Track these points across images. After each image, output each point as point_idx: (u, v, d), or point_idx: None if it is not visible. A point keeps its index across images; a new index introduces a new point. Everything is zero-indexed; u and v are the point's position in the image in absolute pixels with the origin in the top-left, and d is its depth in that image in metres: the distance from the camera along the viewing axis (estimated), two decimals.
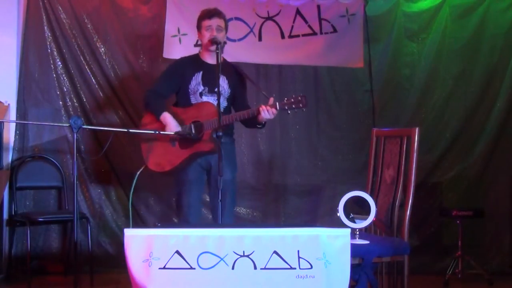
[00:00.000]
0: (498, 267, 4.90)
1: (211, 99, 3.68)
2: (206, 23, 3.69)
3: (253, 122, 3.66)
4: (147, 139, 3.71)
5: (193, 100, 3.71)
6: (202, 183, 3.78)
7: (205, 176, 3.77)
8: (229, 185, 3.64)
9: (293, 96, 3.52)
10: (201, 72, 3.71)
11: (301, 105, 3.48)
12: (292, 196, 5.01)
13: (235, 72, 3.82)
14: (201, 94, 3.70)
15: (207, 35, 3.67)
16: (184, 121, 3.64)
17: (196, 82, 3.70)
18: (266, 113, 3.49)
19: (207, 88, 3.69)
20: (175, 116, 3.66)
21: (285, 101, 3.51)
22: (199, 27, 3.75)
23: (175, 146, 3.64)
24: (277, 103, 3.50)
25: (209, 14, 3.71)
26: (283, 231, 2.27)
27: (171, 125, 3.61)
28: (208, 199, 4.09)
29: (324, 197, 4.99)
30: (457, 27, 5.05)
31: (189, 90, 3.70)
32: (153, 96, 3.73)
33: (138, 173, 3.64)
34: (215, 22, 3.68)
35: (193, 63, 3.76)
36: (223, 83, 3.72)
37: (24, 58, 4.73)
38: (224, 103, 3.72)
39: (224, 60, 3.75)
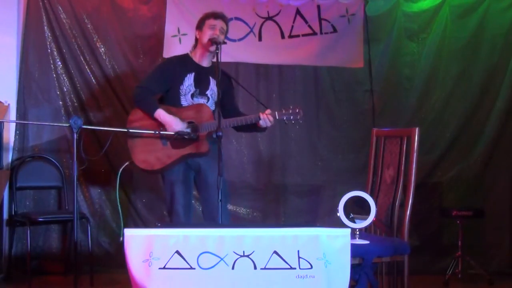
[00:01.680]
0: (498, 267, 4.90)
1: (201, 101, 3.69)
2: (211, 22, 3.68)
3: (250, 128, 3.68)
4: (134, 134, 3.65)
5: (183, 101, 3.69)
6: (191, 181, 3.77)
7: (193, 175, 3.76)
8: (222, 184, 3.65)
9: (291, 107, 3.59)
10: (193, 74, 3.70)
11: (298, 116, 3.57)
12: (292, 196, 5.01)
13: (226, 77, 3.81)
14: (192, 96, 3.69)
15: (208, 33, 3.64)
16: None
17: (189, 83, 3.69)
18: (265, 121, 3.56)
19: (198, 90, 3.70)
20: (171, 114, 3.65)
21: (283, 111, 3.58)
22: (201, 26, 3.72)
23: (167, 145, 3.62)
24: (276, 113, 3.57)
25: (215, 14, 3.71)
26: (283, 231, 2.27)
27: (172, 122, 3.59)
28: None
29: (324, 197, 4.99)
30: (457, 27, 5.05)
31: (180, 90, 3.69)
32: (145, 93, 3.68)
33: (122, 168, 3.61)
34: (219, 23, 3.68)
35: (184, 63, 3.74)
36: (214, 86, 3.73)
37: (24, 58, 4.74)
38: (212, 107, 3.72)
39: (214, 63, 3.76)
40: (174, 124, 3.58)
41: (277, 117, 3.56)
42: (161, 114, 3.60)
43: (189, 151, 3.59)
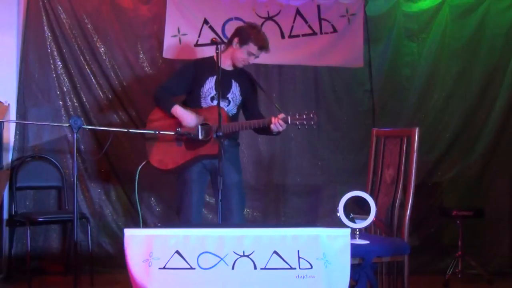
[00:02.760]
0: (498, 267, 4.90)
1: (222, 104, 3.67)
2: (254, 50, 3.68)
3: (264, 131, 3.68)
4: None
5: (203, 103, 3.71)
6: (205, 183, 3.79)
7: (208, 177, 3.78)
8: (238, 187, 3.68)
9: (305, 112, 3.55)
10: (215, 77, 3.68)
11: (312, 122, 3.52)
12: (292, 196, 5.01)
13: (249, 79, 3.82)
14: (212, 99, 3.70)
15: (243, 57, 3.66)
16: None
17: (210, 86, 3.71)
18: (277, 126, 3.54)
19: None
20: None
21: (297, 116, 3.54)
22: (244, 40, 3.68)
23: (181, 145, 3.65)
24: (289, 118, 3.54)
25: (263, 46, 3.69)
26: (283, 231, 2.27)
27: (188, 116, 3.60)
28: (208, 199, 4.09)
29: (324, 197, 4.99)
30: (457, 27, 5.05)
31: (201, 93, 3.71)
32: (164, 92, 3.72)
33: (140, 168, 3.66)
34: (259, 54, 3.71)
35: (208, 66, 3.73)
36: (236, 90, 3.74)
37: (24, 58, 4.73)
38: (233, 110, 3.75)
39: (236, 67, 3.77)
40: (189, 118, 3.61)
41: (289, 122, 3.54)
42: (177, 109, 3.63)
43: (201, 152, 3.61)
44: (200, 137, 3.58)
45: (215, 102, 3.69)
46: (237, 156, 3.83)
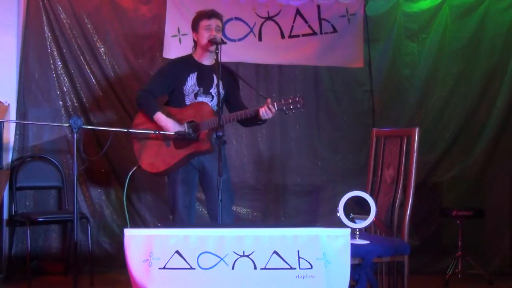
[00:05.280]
0: (498, 267, 4.90)
1: (206, 99, 3.69)
2: (205, 23, 3.68)
3: (252, 121, 3.67)
4: (140, 139, 3.70)
5: (187, 101, 3.71)
6: (196, 183, 3.79)
7: (197, 177, 3.77)
8: (227, 184, 3.66)
9: (291, 96, 3.55)
10: (196, 73, 3.71)
11: (298, 105, 3.52)
12: (292, 196, 5.01)
13: (229, 73, 3.83)
14: (196, 95, 3.70)
15: (205, 35, 3.65)
16: (180, 122, 3.65)
17: (192, 83, 3.70)
18: (265, 113, 3.52)
19: (202, 89, 3.71)
20: (170, 116, 3.65)
21: (282, 101, 3.54)
22: (195, 28, 3.73)
23: (170, 146, 3.64)
24: (275, 103, 3.52)
25: (208, 14, 3.70)
26: (283, 231, 2.27)
27: (169, 124, 3.61)
28: (203, 197, 4.08)
29: (324, 197, 4.99)
30: (457, 27, 5.05)
31: (184, 91, 3.71)
32: (147, 96, 3.72)
33: (130, 173, 3.66)
34: (214, 22, 3.68)
35: (187, 64, 3.75)
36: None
37: (24, 58, 4.74)
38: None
39: (216, 61, 3.77)
40: (171, 127, 3.60)
41: (276, 107, 3.52)
42: (159, 117, 3.64)
43: (191, 150, 3.60)
44: (196, 136, 3.58)
45: (199, 98, 3.69)
46: (224, 154, 3.80)
